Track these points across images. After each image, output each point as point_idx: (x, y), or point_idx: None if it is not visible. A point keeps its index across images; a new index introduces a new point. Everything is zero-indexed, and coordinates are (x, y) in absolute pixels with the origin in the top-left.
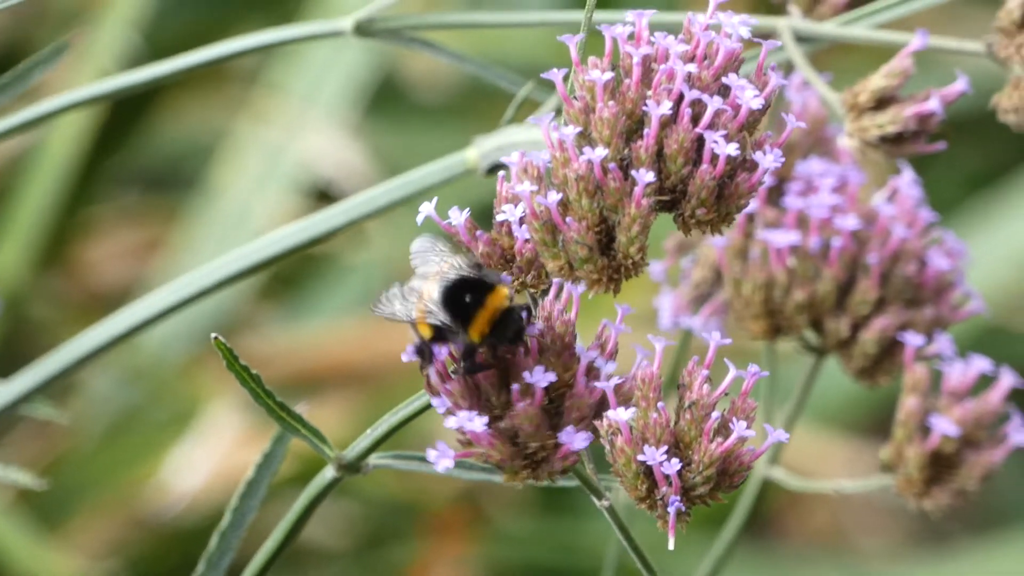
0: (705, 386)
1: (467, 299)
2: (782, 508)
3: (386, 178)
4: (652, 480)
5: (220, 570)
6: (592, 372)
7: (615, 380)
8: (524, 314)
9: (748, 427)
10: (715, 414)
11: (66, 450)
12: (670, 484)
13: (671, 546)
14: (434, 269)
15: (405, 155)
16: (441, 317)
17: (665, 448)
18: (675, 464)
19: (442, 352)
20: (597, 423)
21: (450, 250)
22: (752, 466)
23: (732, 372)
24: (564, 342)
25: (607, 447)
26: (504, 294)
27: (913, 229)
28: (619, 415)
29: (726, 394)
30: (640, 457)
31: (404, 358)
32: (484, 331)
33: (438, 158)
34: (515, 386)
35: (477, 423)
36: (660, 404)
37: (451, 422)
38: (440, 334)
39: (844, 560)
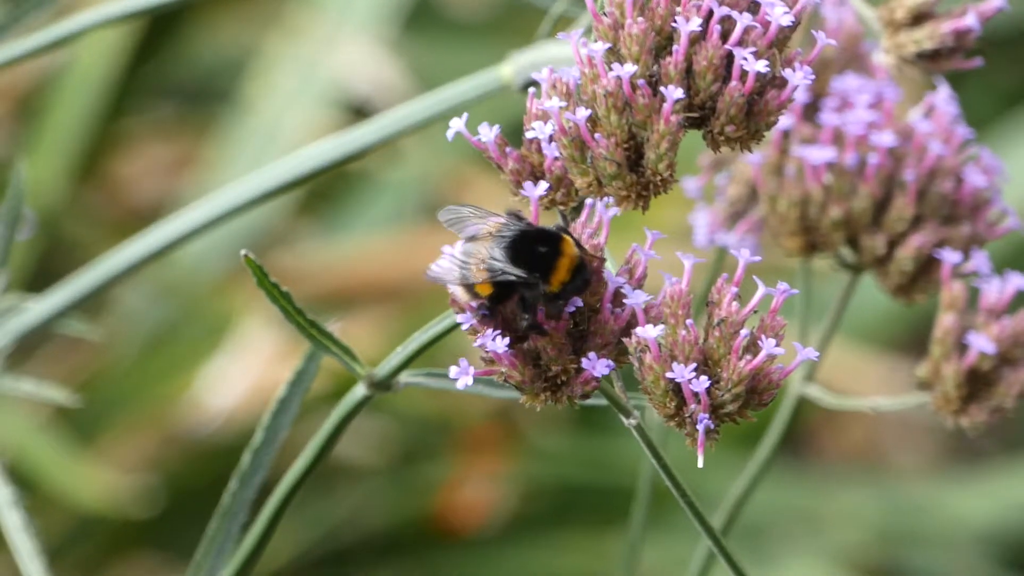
0: (734, 303)
1: (541, 250)
2: (817, 425)
3: (421, 95)
4: (681, 398)
5: (253, 487)
6: (619, 298)
7: (644, 298)
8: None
9: (777, 345)
10: (744, 331)
11: (100, 367)
12: (699, 401)
13: (700, 464)
14: (477, 230)
15: (440, 72)
16: (516, 272)
17: (694, 365)
18: (704, 381)
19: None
20: (626, 340)
21: (482, 214)
22: (781, 384)
23: (761, 290)
24: (592, 267)
25: (635, 364)
26: (572, 242)
27: (949, 146)
28: (648, 332)
29: (755, 311)
30: (668, 374)
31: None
32: (564, 279)
33: (473, 74)
34: (541, 308)
35: (499, 343)
36: (689, 321)
37: (475, 340)
38: (504, 291)
39: (879, 477)
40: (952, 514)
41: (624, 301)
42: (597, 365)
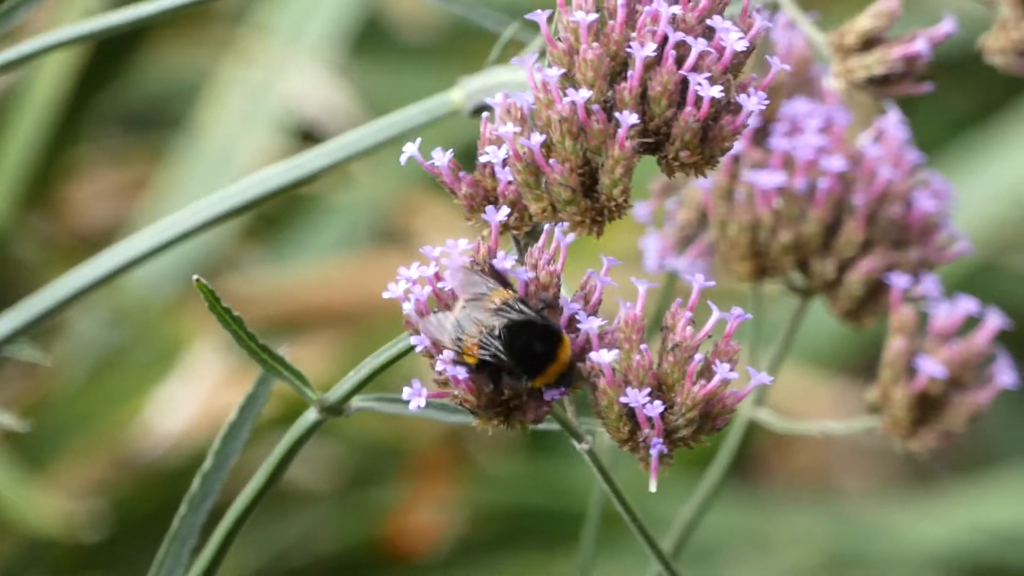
0: (688, 328)
1: (538, 349)
2: (767, 449)
3: (371, 119)
4: (634, 422)
5: (202, 512)
6: (573, 324)
7: (598, 323)
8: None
9: (731, 369)
10: (698, 356)
11: (50, 391)
12: (652, 426)
13: (653, 488)
14: (484, 300)
15: (390, 96)
16: (505, 359)
17: (648, 390)
18: (658, 406)
19: (424, 292)
20: (580, 364)
21: (495, 282)
22: (735, 409)
23: (716, 315)
24: (551, 293)
25: (589, 389)
26: (569, 344)
27: (899, 170)
28: (602, 356)
29: (709, 336)
30: (623, 399)
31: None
32: (550, 382)
33: (423, 99)
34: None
35: (459, 367)
36: (643, 346)
37: (433, 363)
38: (489, 367)
39: (829, 500)
40: (902, 537)
41: (578, 326)
42: (550, 391)
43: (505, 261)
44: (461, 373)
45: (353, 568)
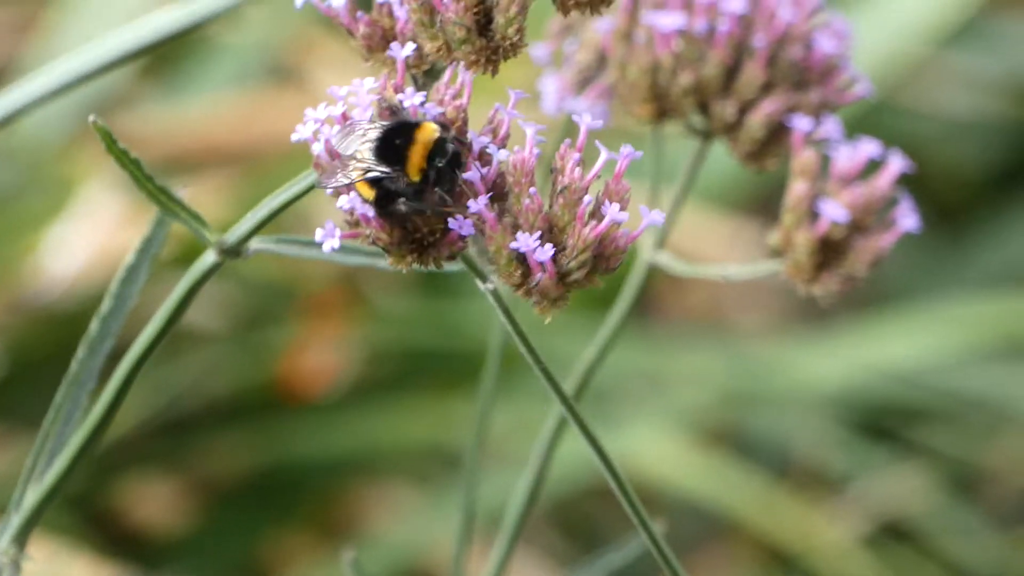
0: (577, 169)
1: (397, 142)
2: (663, 287)
3: None
4: (526, 266)
5: (101, 355)
6: (484, 158)
7: (506, 153)
8: (454, 142)
9: (622, 209)
10: (587, 198)
11: None
12: (544, 270)
13: (547, 321)
14: (353, 130)
15: None
16: (379, 168)
17: (538, 234)
18: (548, 249)
19: (333, 131)
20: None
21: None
22: (627, 249)
23: (604, 155)
24: (456, 128)
25: (478, 234)
26: (431, 127)
27: (799, 12)
28: (482, 204)
29: (599, 177)
30: (512, 244)
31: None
32: (421, 165)
33: None
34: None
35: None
36: (532, 190)
37: (341, 202)
38: (384, 191)
39: (724, 338)
40: (797, 375)
41: (490, 155)
42: (464, 224)
43: (413, 97)
44: (372, 211)
45: (249, 409)
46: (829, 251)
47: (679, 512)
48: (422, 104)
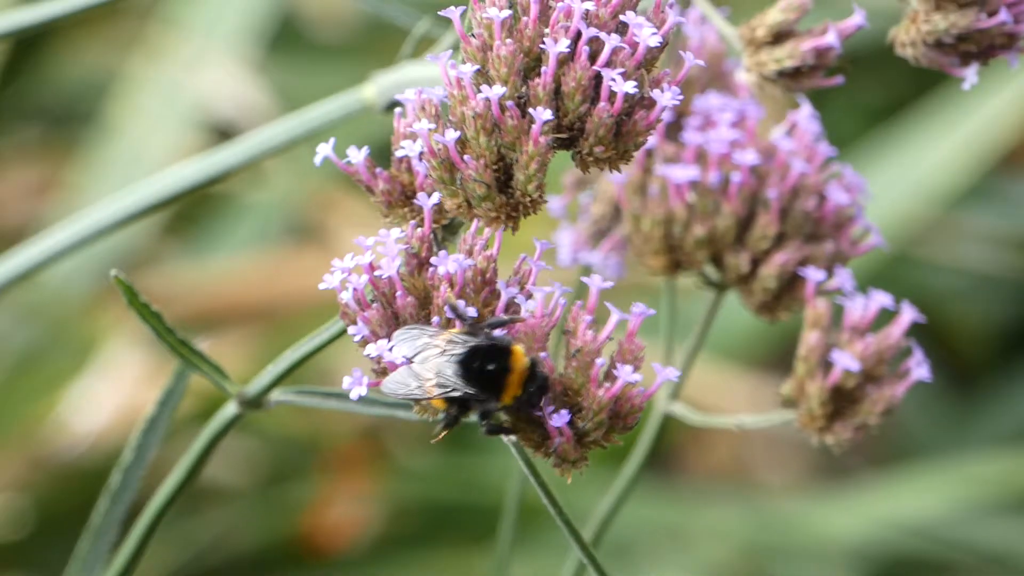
0: (589, 332)
1: (490, 368)
2: (684, 443)
3: (284, 116)
4: (544, 430)
5: (122, 505)
6: (511, 308)
7: (534, 304)
8: (543, 364)
9: (636, 370)
10: (600, 360)
11: None
12: (562, 434)
13: (568, 481)
14: (427, 346)
15: (305, 93)
16: (466, 390)
17: (551, 400)
18: (564, 415)
19: (361, 280)
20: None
21: (437, 330)
22: (643, 407)
23: (615, 316)
24: (485, 278)
25: None
26: (521, 354)
27: (812, 164)
28: None
29: (611, 338)
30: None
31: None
32: (517, 393)
33: (336, 95)
34: (436, 319)
35: (395, 352)
36: (543, 355)
37: (369, 349)
38: (457, 401)
39: (746, 494)
40: (818, 530)
41: (518, 305)
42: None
43: (447, 263)
44: (399, 360)
45: (272, 565)
46: (842, 401)
47: None
48: (447, 254)
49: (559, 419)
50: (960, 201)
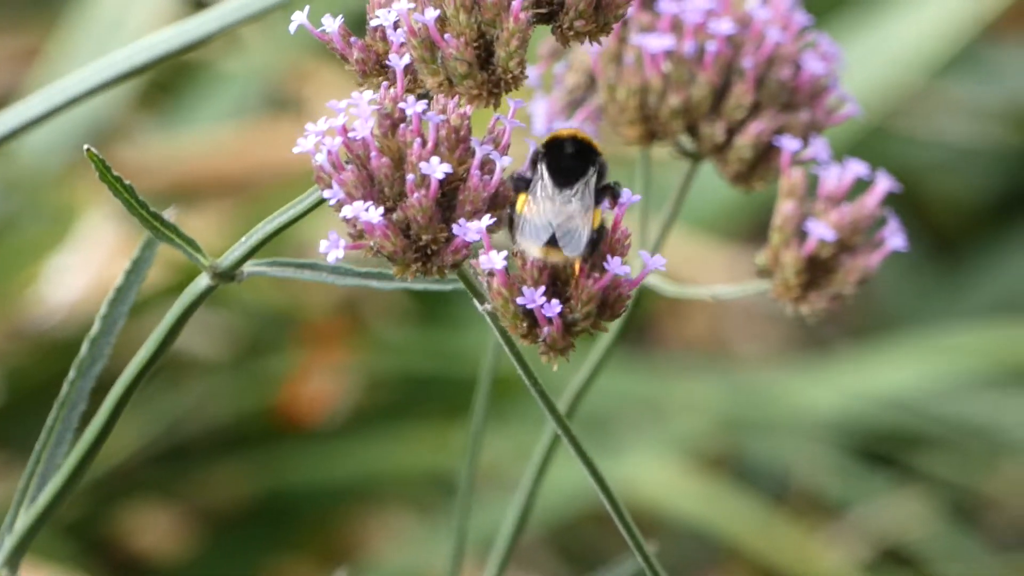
0: None
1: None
2: (661, 316)
3: None
4: (532, 318)
5: (91, 377)
6: (487, 165)
7: (509, 162)
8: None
9: (623, 262)
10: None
11: None
12: (551, 323)
13: (555, 368)
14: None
15: None
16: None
17: (543, 289)
18: (555, 305)
19: (335, 142)
20: (473, 261)
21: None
22: (631, 296)
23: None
24: (459, 135)
25: (484, 287)
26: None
27: (788, 33)
28: (493, 260)
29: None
30: (519, 300)
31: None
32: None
33: None
34: (410, 177)
35: (373, 213)
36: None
37: (345, 211)
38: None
39: (722, 366)
40: (796, 403)
41: (493, 162)
42: (468, 231)
43: (415, 105)
44: (376, 219)
45: (248, 436)
46: (816, 270)
47: (678, 538)
48: (424, 112)
49: (550, 309)
50: (942, 71)
